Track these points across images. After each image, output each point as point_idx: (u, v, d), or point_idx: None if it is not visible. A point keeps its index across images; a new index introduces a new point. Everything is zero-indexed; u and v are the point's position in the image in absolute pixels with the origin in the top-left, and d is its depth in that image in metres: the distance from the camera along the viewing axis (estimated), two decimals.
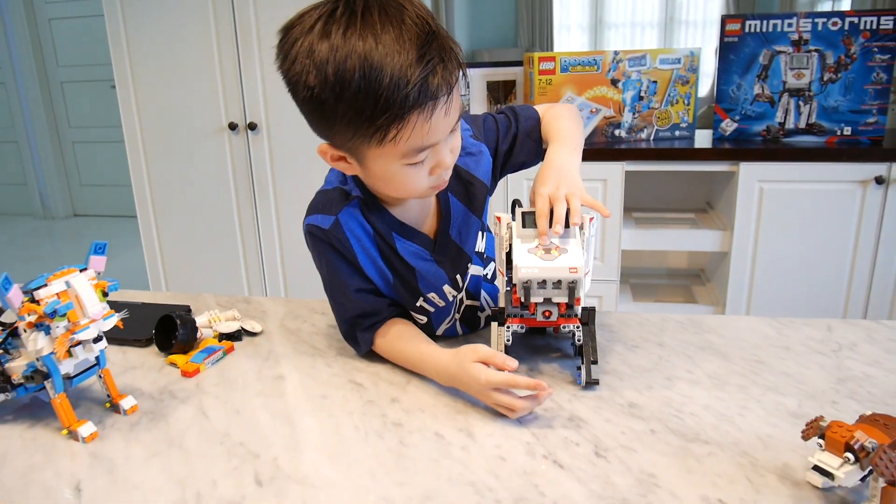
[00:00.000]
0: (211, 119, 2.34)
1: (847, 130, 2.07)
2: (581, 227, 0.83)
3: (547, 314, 0.83)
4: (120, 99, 2.38)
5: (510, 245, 0.83)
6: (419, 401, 0.81)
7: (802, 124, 2.10)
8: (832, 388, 0.83)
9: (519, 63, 2.38)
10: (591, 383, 0.83)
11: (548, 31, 5.26)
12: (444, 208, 0.94)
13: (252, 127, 2.31)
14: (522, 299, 0.81)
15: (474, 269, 0.99)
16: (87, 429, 0.74)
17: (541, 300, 0.82)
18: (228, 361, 0.93)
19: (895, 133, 2.15)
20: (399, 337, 0.91)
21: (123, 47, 2.32)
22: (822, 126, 2.08)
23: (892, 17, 1.96)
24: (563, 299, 0.81)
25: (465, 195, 0.95)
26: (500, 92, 2.47)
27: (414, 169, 0.79)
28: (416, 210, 0.92)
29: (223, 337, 0.98)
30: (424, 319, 0.96)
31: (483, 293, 1.02)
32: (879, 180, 1.96)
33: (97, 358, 0.77)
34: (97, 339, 0.74)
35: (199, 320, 0.99)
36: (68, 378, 0.75)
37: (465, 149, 0.93)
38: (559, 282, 0.80)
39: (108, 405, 0.80)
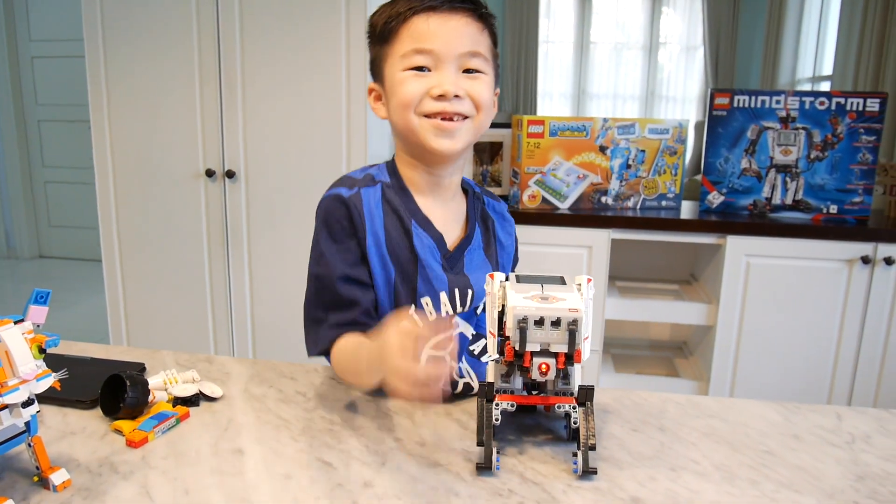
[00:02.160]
0: (187, 164, 2.27)
1: (833, 209, 2.06)
2: (579, 288, 0.78)
3: (544, 369, 0.74)
4: (94, 137, 2.30)
5: (503, 305, 0.76)
6: (396, 485, 0.72)
7: (789, 200, 2.09)
8: (851, 487, 0.75)
9: (507, 125, 2.36)
10: (589, 472, 0.74)
11: (532, 99, 5.35)
12: (470, 229, 0.97)
13: (230, 175, 2.24)
14: (517, 346, 0.73)
15: (463, 327, 0.93)
16: None
17: (537, 347, 0.74)
18: (182, 430, 0.83)
19: (881, 214, 2.15)
20: (359, 343, 0.83)
21: (102, 86, 2.26)
22: (809, 203, 2.07)
23: (877, 100, 1.98)
24: (563, 347, 0.73)
25: (485, 235, 0.99)
26: (486, 154, 2.44)
27: (412, 76, 0.87)
28: (439, 211, 0.95)
29: (178, 401, 0.88)
30: None
31: (465, 360, 0.95)
32: (866, 260, 1.94)
33: (27, 424, 0.67)
34: (28, 403, 0.64)
35: (154, 381, 0.89)
36: None
37: (504, 216, 1.04)
38: (558, 322, 0.73)
39: (35, 479, 0.69)
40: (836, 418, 0.92)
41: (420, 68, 0.86)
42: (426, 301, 0.91)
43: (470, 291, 0.94)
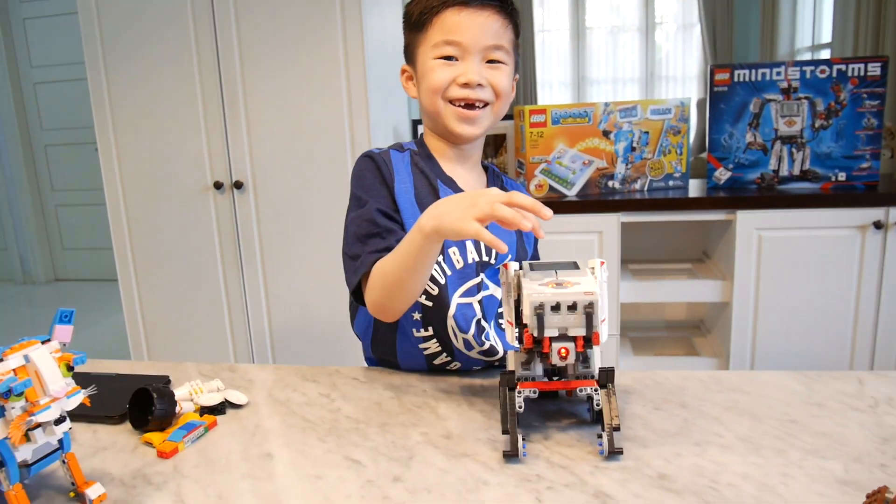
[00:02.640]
0: (195, 177, 2.29)
1: (841, 176, 2.05)
2: (593, 270, 0.80)
3: (564, 353, 0.75)
4: (101, 158, 2.32)
5: (519, 294, 0.77)
6: (424, 479, 0.73)
7: (796, 171, 2.08)
8: (877, 450, 0.75)
9: (509, 117, 2.36)
10: (615, 453, 0.75)
11: (531, 89, 5.33)
12: None
13: (238, 186, 2.26)
14: (535, 333, 0.74)
15: (493, 289, 1.02)
16: None
17: (555, 333, 0.75)
18: (210, 438, 0.84)
19: (890, 178, 2.14)
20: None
21: (106, 106, 2.28)
22: (817, 172, 2.06)
23: (878, 64, 1.97)
24: (581, 331, 0.74)
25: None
26: (490, 146, 2.44)
27: (441, 64, 0.96)
28: (463, 176, 1.04)
29: (205, 410, 0.89)
30: (436, 290, 0.98)
31: (493, 326, 1.03)
32: (878, 225, 1.93)
33: (60, 441, 0.68)
34: (59, 421, 0.66)
35: (180, 392, 0.90)
36: (26, 465, 0.66)
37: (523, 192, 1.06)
38: (574, 306, 0.74)
39: (72, 494, 0.70)
40: (858, 383, 0.92)
41: (448, 57, 0.96)
42: (453, 251, 0.99)
43: (491, 257, 1.01)
